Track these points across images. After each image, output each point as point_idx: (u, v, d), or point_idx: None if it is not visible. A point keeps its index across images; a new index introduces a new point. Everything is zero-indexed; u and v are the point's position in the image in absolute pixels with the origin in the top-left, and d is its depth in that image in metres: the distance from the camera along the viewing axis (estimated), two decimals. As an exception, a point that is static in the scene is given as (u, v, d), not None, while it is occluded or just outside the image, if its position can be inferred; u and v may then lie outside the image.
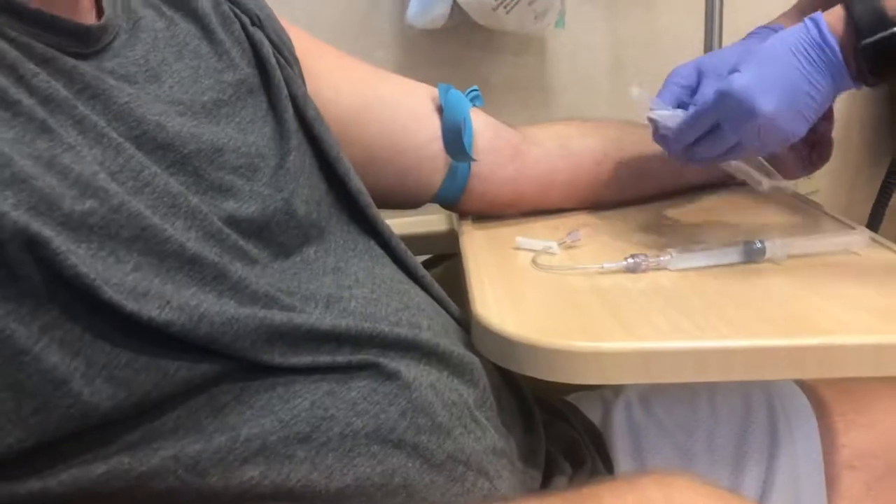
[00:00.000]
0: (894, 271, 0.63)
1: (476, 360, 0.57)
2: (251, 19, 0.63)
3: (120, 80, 0.49)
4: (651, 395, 0.75)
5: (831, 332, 0.51)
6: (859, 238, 0.67)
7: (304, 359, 0.48)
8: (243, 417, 0.45)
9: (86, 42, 0.49)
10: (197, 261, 0.45)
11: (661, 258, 0.63)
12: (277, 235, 0.54)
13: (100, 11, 0.52)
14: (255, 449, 0.44)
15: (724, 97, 0.60)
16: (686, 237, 0.73)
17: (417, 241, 0.92)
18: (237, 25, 0.62)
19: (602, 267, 0.63)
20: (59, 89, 0.44)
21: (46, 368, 0.38)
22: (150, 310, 0.41)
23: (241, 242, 0.50)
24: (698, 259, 0.64)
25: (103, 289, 0.40)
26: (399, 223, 0.78)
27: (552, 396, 0.77)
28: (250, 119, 0.57)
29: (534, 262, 0.67)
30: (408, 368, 0.51)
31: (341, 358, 0.49)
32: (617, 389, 0.77)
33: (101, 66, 0.49)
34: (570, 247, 0.70)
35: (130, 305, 0.41)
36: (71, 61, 0.47)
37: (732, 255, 0.64)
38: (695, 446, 0.70)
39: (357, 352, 0.50)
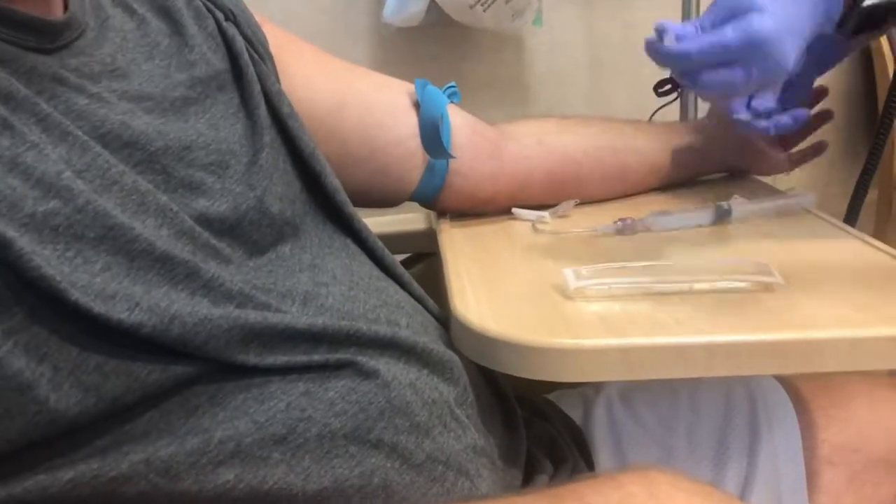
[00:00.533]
0: (871, 265, 0.63)
1: (456, 357, 0.56)
2: (225, 14, 0.62)
3: (83, 79, 0.48)
4: (631, 392, 0.75)
5: (811, 327, 0.51)
6: (810, 198, 0.78)
7: (280, 359, 0.47)
8: (217, 419, 0.44)
9: (48, 37, 0.47)
10: (168, 259, 0.44)
11: (645, 219, 0.72)
12: (251, 234, 0.53)
13: (66, 8, 0.51)
14: (230, 451, 0.43)
15: (751, 44, 0.55)
16: (662, 205, 0.79)
17: (396, 240, 0.92)
18: (210, 21, 0.61)
19: (595, 230, 0.71)
20: (20, 88, 0.43)
21: (10, 374, 0.37)
22: (119, 312, 0.40)
23: (214, 241, 0.49)
24: (676, 220, 0.73)
25: (69, 291, 0.39)
26: (377, 222, 0.78)
27: (532, 394, 0.77)
28: (221, 115, 0.56)
29: (534, 227, 0.75)
30: (387, 367, 0.50)
31: (318, 357, 0.48)
32: (598, 387, 0.77)
33: (64, 63, 0.48)
34: (561, 216, 0.77)
35: (98, 307, 0.39)
36: (31, 61, 0.45)
37: (705, 216, 0.74)
38: (676, 443, 0.70)
39: (334, 351, 0.49)
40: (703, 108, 1.13)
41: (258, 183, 0.54)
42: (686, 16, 1.31)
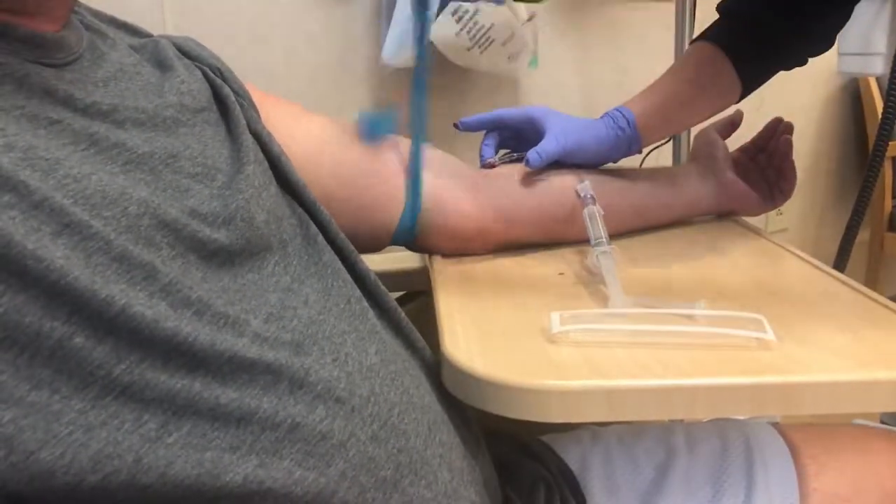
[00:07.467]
0: (863, 314, 0.64)
1: (425, 394, 0.56)
2: (210, 69, 0.65)
3: (77, 88, 0.50)
4: (627, 435, 0.75)
5: (790, 371, 0.52)
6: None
7: (230, 394, 0.44)
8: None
9: (44, 50, 0.49)
10: (124, 259, 0.43)
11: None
12: (244, 230, 0.53)
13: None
14: None
15: None
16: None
17: (390, 279, 0.92)
18: (198, 72, 0.64)
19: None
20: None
21: None
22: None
23: (207, 231, 0.49)
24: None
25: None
26: (371, 260, 0.79)
27: (526, 436, 0.77)
28: (210, 137, 0.58)
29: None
30: (343, 424, 0.48)
31: (268, 405, 0.45)
32: (595, 430, 0.77)
33: (60, 75, 0.50)
34: None
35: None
36: (27, 69, 0.47)
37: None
38: (671, 486, 0.70)
39: (286, 402, 0.46)
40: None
41: (245, 189, 0.55)
42: (677, 59, 1.34)
